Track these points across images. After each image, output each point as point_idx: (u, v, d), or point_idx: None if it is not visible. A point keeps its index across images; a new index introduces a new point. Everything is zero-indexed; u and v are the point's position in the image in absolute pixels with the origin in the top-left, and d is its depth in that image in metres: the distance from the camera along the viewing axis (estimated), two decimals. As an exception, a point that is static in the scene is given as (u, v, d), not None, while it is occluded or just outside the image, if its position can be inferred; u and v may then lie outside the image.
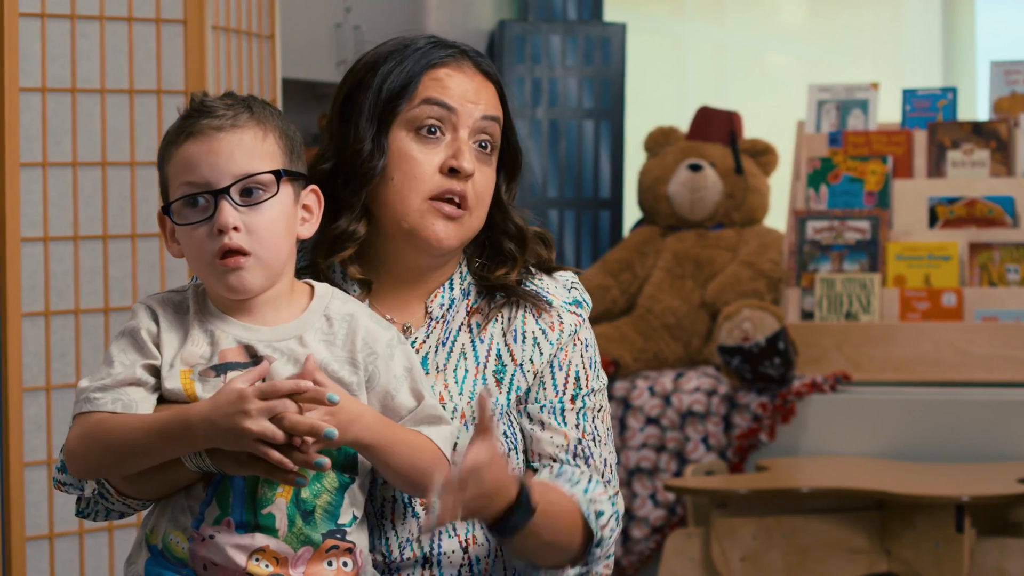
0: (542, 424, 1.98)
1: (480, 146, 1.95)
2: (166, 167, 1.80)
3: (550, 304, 2.01)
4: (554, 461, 1.98)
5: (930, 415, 4.23)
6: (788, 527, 3.86)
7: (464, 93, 1.95)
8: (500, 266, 2.01)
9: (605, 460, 2.01)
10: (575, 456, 1.98)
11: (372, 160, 1.93)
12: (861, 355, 4.43)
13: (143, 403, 1.77)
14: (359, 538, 1.81)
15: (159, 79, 3.40)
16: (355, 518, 1.80)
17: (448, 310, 1.99)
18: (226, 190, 1.76)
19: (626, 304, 4.84)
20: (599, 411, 2.02)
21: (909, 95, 4.89)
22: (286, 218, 1.81)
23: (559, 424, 1.98)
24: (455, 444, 1.90)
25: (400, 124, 1.94)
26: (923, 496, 3.75)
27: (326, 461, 1.70)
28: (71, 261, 3.30)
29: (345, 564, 1.78)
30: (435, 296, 2.00)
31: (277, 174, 1.79)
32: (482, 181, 1.95)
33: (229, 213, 1.76)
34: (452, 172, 1.93)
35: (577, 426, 1.99)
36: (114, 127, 3.35)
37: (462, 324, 1.99)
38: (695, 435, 4.38)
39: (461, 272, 2.02)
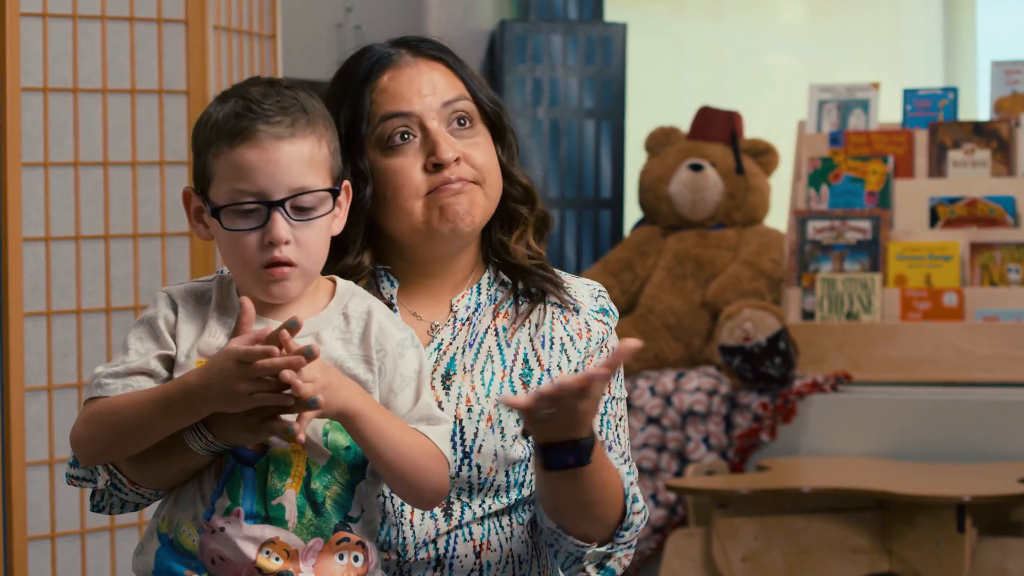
0: None
1: (459, 123, 1.95)
2: (212, 161, 1.77)
3: (577, 311, 2.01)
4: None
5: (931, 415, 4.23)
6: (789, 527, 3.86)
7: (415, 89, 1.93)
8: (512, 231, 2.00)
9: (626, 456, 2.01)
10: None
11: (358, 191, 1.92)
12: (862, 355, 4.43)
13: None
14: (368, 536, 1.80)
15: (161, 79, 3.40)
16: (363, 513, 1.80)
17: (474, 313, 1.99)
18: (282, 203, 1.76)
19: (627, 304, 4.84)
20: (620, 420, 2.02)
21: (910, 95, 4.89)
22: (328, 227, 1.81)
23: None
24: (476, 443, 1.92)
25: (371, 146, 1.94)
26: (924, 496, 3.75)
27: (320, 398, 1.68)
28: (73, 261, 3.30)
29: (356, 559, 1.77)
30: (462, 296, 1.99)
31: (334, 192, 1.80)
32: (478, 155, 1.95)
33: (283, 227, 1.75)
34: (437, 167, 1.92)
35: (600, 432, 1.99)
36: (116, 127, 3.35)
37: (489, 327, 1.98)
38: (696, 435, 4.38)
39: (488, 276, 2.02)
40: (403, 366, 1.81)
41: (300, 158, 1.77)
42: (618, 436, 2.01)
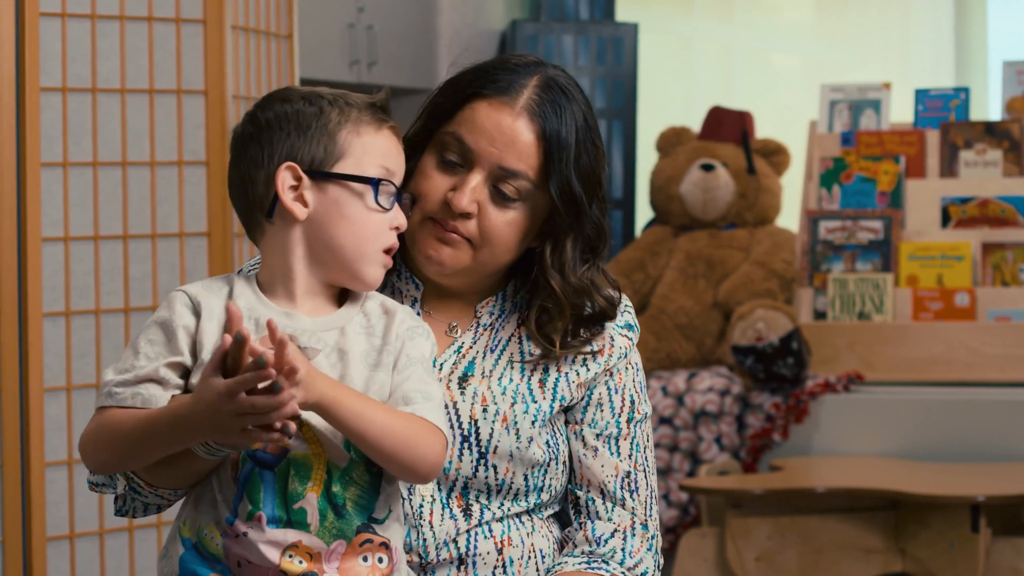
0: (595, 451, 2.00)
1: (498, 191, 1.92)
2: (349, 136, 1.79)
3: (602, 327, 2.01)
4: (603, 492, 1.99)
5: (944, 415, 4.24)
6: (803, 527, 3.86)
7: (492, 136, 1.91)
8: (547, 323, 1.97)
9: (651, 490, 2.03)
10: (622, 488, 2.00)
11: (409, 159, 1.94)
12: (874, 355, 4.44)
13: (162, 400, 1.75)
14: (394, 535, 1.80)
15: (179, 79, 3.40)
16: (390, 513, 1.79)
17: (498, 319, 2.00)
18: (400, 192, 1.84)
19: (639, 304, 4.85)
20: (648, 440, 2.05)
21: (921, 95, 4.89)
22: None
23: (611, 454, 2.00)
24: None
25: (433, 143, 1.95)
26: (938, 496, 3.75)
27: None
28: (91, 261, 3.30)
29: (380, 560, 1.77)
30: (486, 303, 2.00)
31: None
32: (495, 222, 1.92)
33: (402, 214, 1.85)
34: (447, 206, 1.92)
35: (630, 456, 2.01)
36: (134, 127, 3.35)
37: (513, 335, 1.99)
38: (708, 435, 4.38)
39: (515, 283, 2.02)
40: (410, 347, 1.81)
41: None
42: (646, 459, 2.03)
